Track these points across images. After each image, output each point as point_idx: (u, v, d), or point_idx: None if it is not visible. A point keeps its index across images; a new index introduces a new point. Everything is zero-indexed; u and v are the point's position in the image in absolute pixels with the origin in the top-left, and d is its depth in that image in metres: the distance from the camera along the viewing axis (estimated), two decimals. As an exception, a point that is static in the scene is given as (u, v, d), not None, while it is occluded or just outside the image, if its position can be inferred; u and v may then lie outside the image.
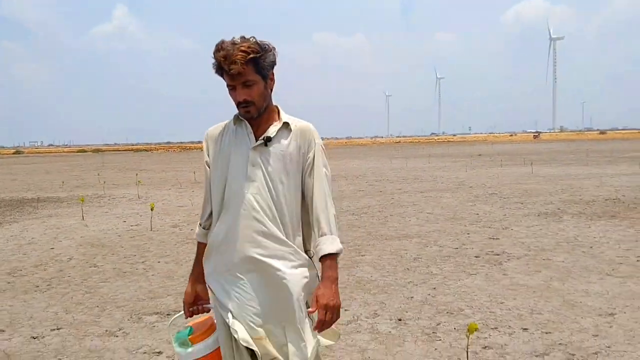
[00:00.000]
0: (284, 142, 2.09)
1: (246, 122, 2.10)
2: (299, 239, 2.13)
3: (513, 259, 6.52)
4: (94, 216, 11.64)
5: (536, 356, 3.71)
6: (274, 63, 2.07)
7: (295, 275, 2.07)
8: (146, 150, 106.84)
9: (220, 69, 2.00)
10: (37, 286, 5.95)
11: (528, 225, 8.82)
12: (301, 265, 2.10)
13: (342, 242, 2.09)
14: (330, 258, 2.03)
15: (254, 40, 2.00)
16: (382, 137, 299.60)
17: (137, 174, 25.40)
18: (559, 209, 10.61)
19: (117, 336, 4.36)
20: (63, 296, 5.54)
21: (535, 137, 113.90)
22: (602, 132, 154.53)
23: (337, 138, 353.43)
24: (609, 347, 3.82)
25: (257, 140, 2.09)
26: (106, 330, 4.49)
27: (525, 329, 4.22)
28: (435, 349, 3.91)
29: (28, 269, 6.81)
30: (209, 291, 2.21)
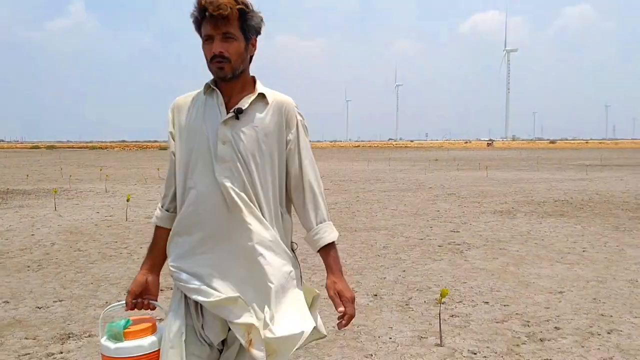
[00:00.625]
0: (259, 115, 1.86)
1: (217, 91, 1.87)
2: (277, 224, 1.89)
3: (473, 248, 7.13)
4: (66, 207, 11.78)
5: (496, 322, 4.28)
6: (259, 29, 1.88)
7: (276, 262, 1.83)
8: (102, 148, 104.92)
9: (201, 14, 1.80)
10: (28, 266, 6.22)
11: (485, 221, 9.49)
12: (282, 258, 1.86)
13: None
14: (333, 248, 1.90)
15: None
16: (341, 141, 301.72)
17: (101, 169, 25.33)
18: (512, 207, 11.36)
19: (117, 307, 4.73)
20: (56, 275, 5.84)
21: (488, 144, 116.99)
22: (552, 142, 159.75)
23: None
24: (558, 316, 4.42)
25: (228, 112, 1.85)
26: (106, 302, 4.84)
27: (486, 302, 4.79)
28: (409, 317, 4.43)
29: (15, 252, 7.05)
30: (173, 280, 1.91)
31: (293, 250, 1.95)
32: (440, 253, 6.87)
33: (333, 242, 1.91)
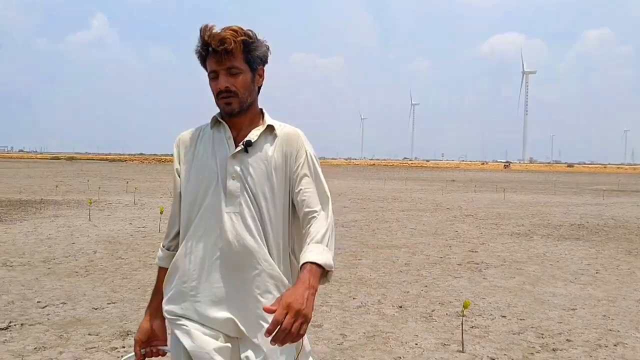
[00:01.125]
0: (268, 148, 1.81)
1: (225, 125, 1.82)
2: (285, 267, 1.82)
3: (491, 267, 7.52)
4: (99, 218, 12.34)
5: (513, 334, 4.67)
6: (266, 58, 1.84)
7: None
8: (120, 160, 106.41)
9: (204, 51, 1.77)
10: (76, 272, 6.73)
11: (503, 242, 9.86)
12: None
13: (338, 249, 2.12)
14: (314, 266, 1.60)
15: (248, 30, 1.80)
16: (356, 159, 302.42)
17: (127, 182, 26.03)
18: (529, 230, 11.71)
19: (165, 310, 5.20)
20: (104, 280, 6.33)
21: (505, 166, 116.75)
22: (570, 165, 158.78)
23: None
24: (569, 330, 4.80)
25: (237, 146, 1.80)
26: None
27: (503, 316, 5.19)
28: (433, 326, 4.84)
29: (60, 258, 7.57)
30: (166, 322, 1.87)
31: None
32: (459, 271, 7.27)
33: (316, 264, 1.60)
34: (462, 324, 4.47)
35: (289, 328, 1.47)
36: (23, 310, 5.06)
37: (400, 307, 5.47)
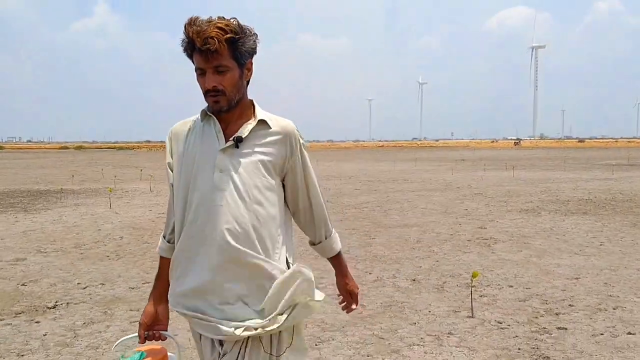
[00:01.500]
0: (261, 142, 1.82)
1: (215, 118, 1.82)
2: (279, 253, 1.86)
3: (499, 242, 7.87)
4: (119, 205, 12.79)
5: (519, 301, 5.04)
6: (254, 51, 1.81)
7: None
8: (128, 148, 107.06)
9: (190, 47, 1.74)
10: (107, 256, 7.16)
11: (511, 219, 10.20)
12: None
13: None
14: (340, 254, 2.07)
15: (234, 21, 1.75)
16: (365, 141, 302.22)
17: (141, 170, 26.47)
18: (537, 206, 12.03)
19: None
20: (135, 263, 6.76)
21: (515, 144, 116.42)
22: (581, 141, 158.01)
23: (318, 141, 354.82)
24: (572, 297, 5.16)
25: (227, 140, 1.80)
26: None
27: (510, 286, 5.55)
28: (444, 296, 5.22)
29: (89, 244, 8.01)
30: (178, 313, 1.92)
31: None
32: (469, 246, 7.63)
33: (340, 250, 2.07)
34: (471, 293, 4.84)
35: (357, 303, 2.11)
36: (66, 291, 5.49)
37: (414, 280, 5.85)
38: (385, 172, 26.13)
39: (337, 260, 2.05)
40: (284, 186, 1.92)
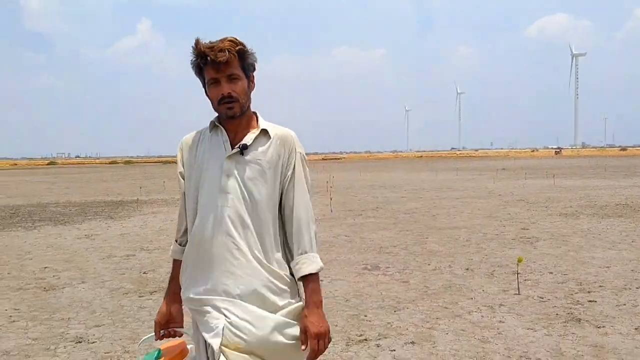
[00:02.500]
0: (262, 150, 1.94)
1: (222, 128, 1.97)
2: (279, 255, 1.96)
3: (541, 240, 8.89)
4: (191, 213, 14.18)
5: (558, 283, 6.10)
6: (254, 66, 1.98)
7: (272, 296, 1.89)
8: (174, 162, 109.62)
9: (202, 62, 1.88)
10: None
11: (551, 221, 11.16)
12: (279, 291, 1.92)
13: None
14: (312, 280, 1.90)
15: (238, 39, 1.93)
16: (402, 152, 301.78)
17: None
18: (576, 211, 12.92)
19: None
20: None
21: (556, 153, 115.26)
22: (623, 149, 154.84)
23: (356, 152, 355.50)
24: (603, 280, 6.19)
25: (233, 148, 1.94)
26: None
27: (550, 273, 6.61)
28: (494, 280, 6.31)
29: (182, 244, 9.32)
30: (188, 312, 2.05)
31: (293, 276, 1.96)
32: (513, 244, 8.67)
33: (313, 274, 1.91)
34: (517, 275, 5.94)
35: (323, 350, 1.87)
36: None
37: (467, 269, 6.95)
38: (427, 181, 27.10)
39: (304, 286, 1.93)
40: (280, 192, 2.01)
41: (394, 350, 4.20)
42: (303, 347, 1.86)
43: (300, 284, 1.95)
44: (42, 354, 4.30)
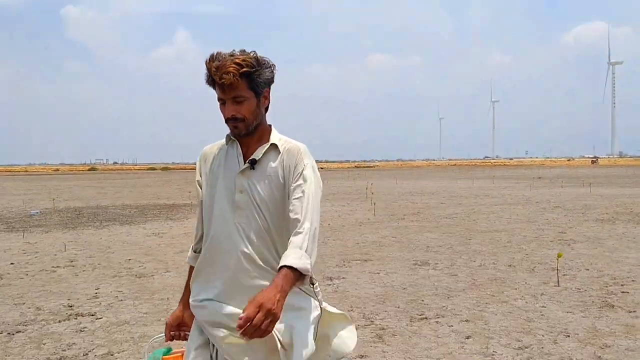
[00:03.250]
0: (272, 164, 1.97)
1: (237, 142, 2.01)
2: None
3: (578, 242, 9.52)
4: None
5: (594, 278, 6.77)
6: (270, 80, 1.98)
7: (289, 306, 1.74)
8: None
9: (211, 80, 1.91)
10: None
11: (588, 226, 11.74)
12: (298, 302, 1.91)
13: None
14: (291, 271, 1.69)
15: (253, 54, 1.92)
16: (435, 160, 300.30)
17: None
18: (612, 217, 13.44)
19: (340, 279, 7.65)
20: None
21: (593, 162, 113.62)
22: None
23: (388, 160, 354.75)
24: (635, 276, 6.83)
25: (245, 162, 1.98)
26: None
27: (587, 269, 7.27)
28: (535, 275, 7.01)
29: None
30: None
31: (312, 284, 1.86)
32: (552, 245, 9.32)
33: (293, 269, 1.69)
34: (556, 271, 6.63)
35: (258, 324, 1.58)
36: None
37: (510, 265, 7.66)
38: (464, 188, 27.62)
39: (279, 272, 1.70)
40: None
41: (452, 326, 4.97)
42: (240, 321, 1.60)
43: (319, 292, 1.90)
44: (156, 323, 5.20)
